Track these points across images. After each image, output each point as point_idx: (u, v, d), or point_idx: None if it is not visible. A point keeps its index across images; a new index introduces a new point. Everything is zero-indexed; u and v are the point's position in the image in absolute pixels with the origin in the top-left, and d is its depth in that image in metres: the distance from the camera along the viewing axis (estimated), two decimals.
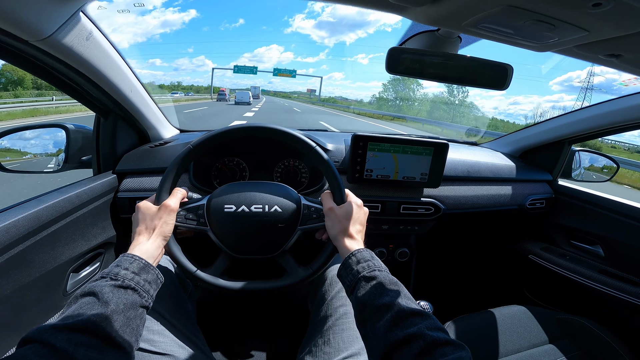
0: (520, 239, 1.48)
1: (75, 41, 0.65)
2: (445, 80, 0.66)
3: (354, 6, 0.55)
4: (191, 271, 0.70)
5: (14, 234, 0.65)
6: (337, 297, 0.81)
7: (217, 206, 0.72)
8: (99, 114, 0.95)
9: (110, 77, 0.80)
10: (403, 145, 1.07)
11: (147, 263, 0.57)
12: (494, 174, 1.28)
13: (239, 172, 1.11)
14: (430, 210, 1.17)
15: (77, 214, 0.82)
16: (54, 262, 0.76)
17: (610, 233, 1.19)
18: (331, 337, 0.73)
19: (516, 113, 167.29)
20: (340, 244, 0.67)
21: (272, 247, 0.74)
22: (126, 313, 0.49)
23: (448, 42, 0.65)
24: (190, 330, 0.75)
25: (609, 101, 1.10)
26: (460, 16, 0.46)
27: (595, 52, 0.53)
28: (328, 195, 0.73)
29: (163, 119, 1.17)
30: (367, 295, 0.55)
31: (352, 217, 0.69)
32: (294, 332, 1.11)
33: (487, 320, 1.00)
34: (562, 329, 1.01)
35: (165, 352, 0.65)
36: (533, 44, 0.53)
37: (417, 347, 0.45)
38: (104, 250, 0.96)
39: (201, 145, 0.71)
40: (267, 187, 0.76)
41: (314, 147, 0.73)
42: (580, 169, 1.42)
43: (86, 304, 0.47)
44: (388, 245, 1.29)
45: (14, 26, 0.53)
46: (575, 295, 1.29)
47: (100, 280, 0.51)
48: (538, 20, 0.42)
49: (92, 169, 1.02)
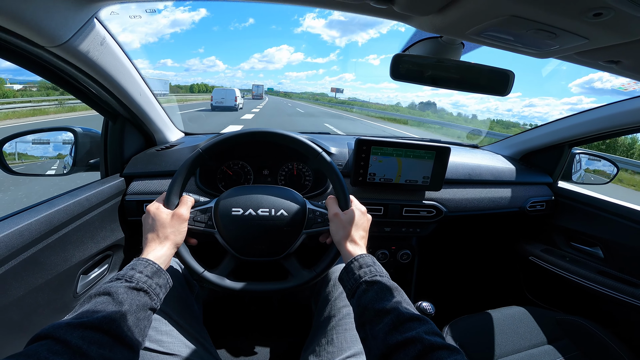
0: (521, 240, 1.50)
1: (90, 47, 0.67)
2: (448, 86, 0.67)
3: (358, 14, 0.56)
4: (198, 272, 0.72)
5: (27, 237, 0.66)
6: (340, 297, 0.82)
7: (225, 209, 0.73)
8: (108, 117, 0.96)
9: (121, 82, 0.82)
10: (405, 149, 1.08)
11: (159, 268, 0.59)
12: (495, 176, 1.30)
13: (244, 175, 1.12)
14: (432, 212, 1.18)
15: (86, 217, 0.83)
16: (65, 264, 0.78)
17: (609, 235, 1.20)
18: (334, 337, 0.75)
19: (531, 115, 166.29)
20: (343, 249, 0.68)
21: (278, 249, 0.76)
22: (137, 314, 0.50)
23: (451, 48, 0.67)
24: (197, 330, 0.77)
25: (609, 104, 1.11)
26: (464, 25, 0.48)
27: (595, 59, 0.55)
28: (333, 201, 0.75)
29: (169, 123, 1.18)
30: (367, 299, 0.57)
31: (356, 223, 0.70)
32: (298, 332, 1.12)
33: (487, 320, 1.02)
34: (562, 329, 1.02)
35: (173, 353, 0.66)
36: (534, 51, 0.54)
37: (414, 350, 0.46)
38: (112, 252, 0.97)
39: (210, 149, 0.72)
40: (274, 191, 0.77)
41: (320, 153, 0.74)
42: (580, 171, 1.44)
43: (101, 303, 0.48)
44: (390, 247, 1.30)
45: (33, 32, 0.55)
46: (575, 296, 1.30)
47: (115, 282, 0.53)
48: (540, 29, 0.44)
49: (99, 172, 1.03)
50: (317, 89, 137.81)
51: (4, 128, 8.70)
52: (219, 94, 20.47)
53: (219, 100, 20.15)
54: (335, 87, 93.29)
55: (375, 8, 0.49)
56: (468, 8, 0.43)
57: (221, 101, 20.09)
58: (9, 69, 37.68)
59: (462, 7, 0.43)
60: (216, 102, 20.12)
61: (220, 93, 20.58)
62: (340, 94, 77.58)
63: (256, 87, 51.49)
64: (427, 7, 0.46)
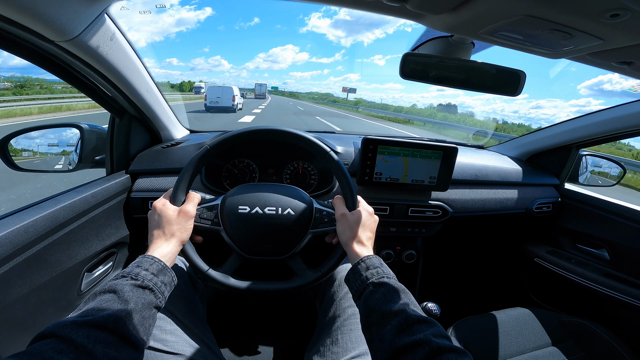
0: (526, 242, 1.49)
1: (99, 42, 0.67)
2: (458, 85, 0.67)
3: (370, 12, 0.56)
4: (203, 270, 0.71)
5: (32, 234, 0.66)
6: (345, 298, 0.82)
7: (231, 207, 0.73)
8: (115, 114, 0.96)
9: (129, 78, 0.81)
10: (412, 149, 1.07)
11: (165, 265, 0.58)
12: (502, 177, 1.29)
13: (249, 173, 1.12)
14: (438, 213, 1.17)
15: (92, 213, 0.83)
16: (70, 261, 0.77)
17: (616, 237, 1.19)
18: (339, 337, 0.74)
19: (537, 117, 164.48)
20: (350, 250, 0.68)
21: (283, 248, 0.75)
22: (142, 312, 0.50)
23: (461, 47, 0.66)
24: (201, 330, 0.76)
25: (618, 106, 1.10)
26: (478, 24, 0.47)
27: (608, 60, 0.54)
28: (340, 201, 0.74)
29: (175, 120, 1.18)
30: (375, 301, 0.56)
31: (363, 224, 0.70)
32: (302, 332, 1.12)
33: (491, 322, 1.01)
34: (566, 331, 1.02)
35: (177, 352, 0.66)
36: (547, 52, 0.54)
37: (422, 353, 0.46)
38: (117, 249, 0.97)
39: (218, 146, 0.72)
40: (281, 189, 0.77)
41: (328, 152, 0.74)
42: (587, 173, 1.43)
43: (106, 301, 0.48)
44: (395, 248, 1.30)
45: (44, 26, 0.55)
46: (580, 298, 1.29)
47: (121, 279, 0.52)
48: (555, 30, 0.43)
49: (105, 168, 1.03)
50: (321, 89, 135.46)
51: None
52: (214, 92, 17.27)
53: (214, 99, 17.07)
54: (347, 86, 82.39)
55: (388, 6, 0.48)
56: (482, 7, 0.42)
57: (217, 100, 17.04)
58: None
59: (476, 6, 0.43)
60: (210, 102, 17.04)
61: (216, 91, 17.35)
62: (352, 94, 69.34)
63: (259, 86, 49.76)
64: (441, 6, 0.45)
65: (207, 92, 17.61)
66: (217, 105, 16.97)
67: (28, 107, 13.24)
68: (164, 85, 23.82)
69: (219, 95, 17.20)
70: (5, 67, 74.68)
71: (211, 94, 17.31)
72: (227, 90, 17.39)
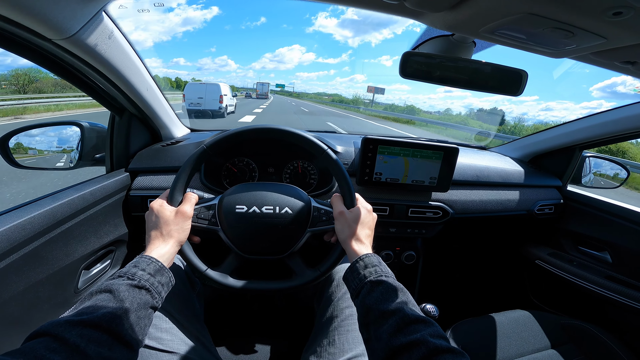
0: (527, 244, 1.48)
1: (97, 40, 0.66)
2: (460, 85, 0.66)
3: (369, 10, 0.55)
4: (201, 270, 0.71)
5: (29, 231, 0.66)
6: (343, 298, 0.81)
7: (229, 206, 0.72)
8: (114, 112, 0.96)
9: (128, 76, 0.81)
10: (413, 149, 1.07)
11: (162, 266, 0.58)
12: (503, 179, 1.28)
13: (249, 172, 1.12)
14: (438, 214, 1.17)
15: (90, 211, 0.83)
16: (67, 259, 0.77)
17: (618, 239, 1.18)
18: (336, 338, 0.74)
19: (547, 119, 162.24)
20: (348, 248, 0.67)
21: (282, 248, 0.75)
22: (138, 312, 0.50)
23: (462, 46, 0.65)
24: (197, 329, 0.76)
25: (622, 107, 1.09)
26: (478, 22, 0.46)
27: (612, 59, 0.53)
28: (338, 199, 0.74)
29: (175, 118, 1.18)
30: (372, 300, 0.56)
31: (362, 221, 0.69)
32: (299, 332, 1.12)
33: (490, 324, 1.00)
34: (566, 334, 1.01)
35: (172, 350, 0.66)
36: (549, 51, 0.53)
37: (418, 353, 0.45)
38: (115, 247, 0.97)
39: (214, 145, 0.71)
40: (278, 188, 0.76)
41: (325, 150, 0.73)
42: (590, 175, 1.41)
43: (101, 300, 0.47)
44: (395, 248, 1.29)
45: (41, 24, 0.55)
46: (581, 301, 1.28)
47: (117, 279, 0.52)
48: (556, 28, 0.42)
49: (104, 166, 1.03)
50: (327, 89, 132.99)
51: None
52: (195, 90, 13.28)
53: (194, 100, 13.06)
54: (373, 85, 60.61)
55: (386, 4, 0.47)
56: (482, 5, 0.41)
57: (198, 102, 13.04)
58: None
59: (477, 4, 0.42)
60: (190, 104, 13.02)
61: (197, 89, 13.33)
62: (379, 95, 51.91)
63: (260, 85, 47.92)
64: (440, 4, 0.44)
65: (186, 92, 13.47)
66: (198, 107, 13.08)
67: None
68: (165, 81, 21.90)
69: (201, 95, 13.18)
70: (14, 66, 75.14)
71: (191, 93, 13.29)
72: (212, 89, 13.29)
